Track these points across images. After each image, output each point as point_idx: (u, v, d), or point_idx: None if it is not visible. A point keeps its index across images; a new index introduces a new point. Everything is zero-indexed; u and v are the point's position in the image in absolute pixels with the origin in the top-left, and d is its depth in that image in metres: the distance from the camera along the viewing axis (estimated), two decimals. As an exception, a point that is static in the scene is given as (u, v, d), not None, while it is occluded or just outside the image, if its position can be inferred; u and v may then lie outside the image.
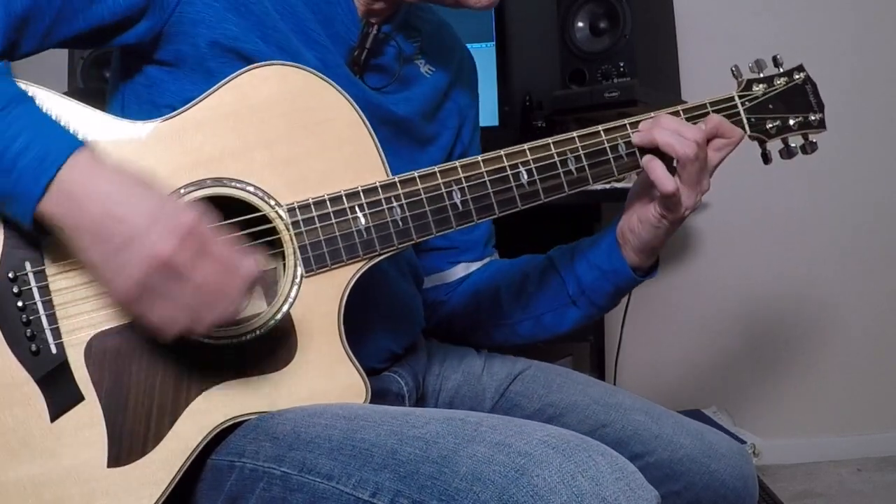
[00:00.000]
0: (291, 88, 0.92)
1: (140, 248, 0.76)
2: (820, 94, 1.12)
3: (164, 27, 0.94)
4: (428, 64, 1.13)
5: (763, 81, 1.09)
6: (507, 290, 1.18)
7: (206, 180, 0.89)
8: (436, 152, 1.14)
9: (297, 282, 0.90)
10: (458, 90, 1.19)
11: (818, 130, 1.11)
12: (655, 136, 0.99)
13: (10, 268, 0.83)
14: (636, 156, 1.01)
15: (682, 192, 0.99)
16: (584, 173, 0.99)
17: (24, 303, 0.83)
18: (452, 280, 1.22)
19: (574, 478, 0.71)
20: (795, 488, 2.26)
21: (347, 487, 0.79)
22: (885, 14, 2.41)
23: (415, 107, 1.10)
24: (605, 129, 1.01)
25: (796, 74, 1.11)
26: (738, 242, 2.46)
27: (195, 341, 0.85)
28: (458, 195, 0.94)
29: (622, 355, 2.32)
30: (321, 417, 0.86)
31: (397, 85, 1.08)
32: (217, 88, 0.90)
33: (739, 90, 1.08)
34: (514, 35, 2.10)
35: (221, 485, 0.88)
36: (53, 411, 0.83)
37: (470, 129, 1.22)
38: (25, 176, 0.77)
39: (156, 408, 0.85)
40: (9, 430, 0.81)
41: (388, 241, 0.93)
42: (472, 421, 0.80)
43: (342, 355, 0.92)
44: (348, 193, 0.92)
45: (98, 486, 0.82)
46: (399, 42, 1.07)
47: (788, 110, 1.09)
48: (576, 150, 0.99)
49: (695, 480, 1.03)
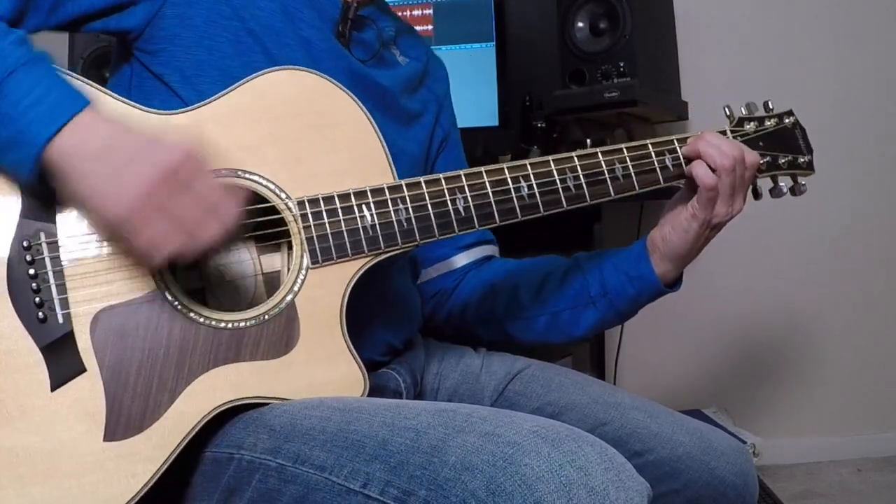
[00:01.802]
0: (305, 91, 0.96)
1: (151, 157, 0.80)
2: (809, 139, 1.17)
3: (160, 10, 0.99)
4: (403, 55, 1.19)
5: (754, 120, 1.15)
6: (526, 286, 1.19)
7: (222, 170, 0.91)
8: (419, 131, 1.18)
9: (304, 272, 0.92)
10: (432, 79, 1.24)
11: (807, 173, 1.17)
12: (699, 146, 1.06)
13: (25, 237, 0.85)
14: (682, 167, 1.08)
15: (719, 197, 1.06)
16: (631, 180, 1.06)
17: (35, 271, 0.84)
18: (456, 267, 1.24)
19: (562, 467, 0.72)
20: (795, 488, 2.26)
21: (339, 478, 0.80)
22: (883, 15, 2.41)
23: (396, 83, 1.14)
24: (653, 143, 1.08)
25: (786, 118, 1.16)
26: (739, 242, 2.46)
27: (200, 322, 0.87)
28: (462, 202, 0.97)
29: (622, 355, 2.32)
30: (317, 410, 0.87)
31: (378, 63, 1.13)
32: (234, 88, 0.94)
33: (732, 126, 1.14)
34: (514, 35, 2.10)
35: (219, 477, 0.89)
36: (54, 381, 0.83)
37: (448, 116, 1.27)
38: (36, 123, 0.80)
39: (156, 386, 0.86)
40: (8, 396, 0.82)
41: (392, 240, 0.95)
42: (463, 412, 0.81)
43: (343, 347, 0.93)
44: (356, 192, 0.95)
45: (92, 459, 0.83)
46: (378, 26, 1.13)
47: (778, 150, 1.14)
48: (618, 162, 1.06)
49: (695, 478, 1.03)
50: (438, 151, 1.24)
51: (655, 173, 1.07)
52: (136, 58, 1.02)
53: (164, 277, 0.88)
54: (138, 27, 0.99)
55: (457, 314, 1.24)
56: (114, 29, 0.99)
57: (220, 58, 1.00)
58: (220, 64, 1.00)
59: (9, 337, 0.83)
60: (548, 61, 2.05)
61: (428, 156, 1.21)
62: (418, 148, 1.18)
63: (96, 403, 0.84)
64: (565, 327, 1.18)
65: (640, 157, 1.07)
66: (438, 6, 2.08)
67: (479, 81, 2.05)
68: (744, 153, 1.07)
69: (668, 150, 1.08)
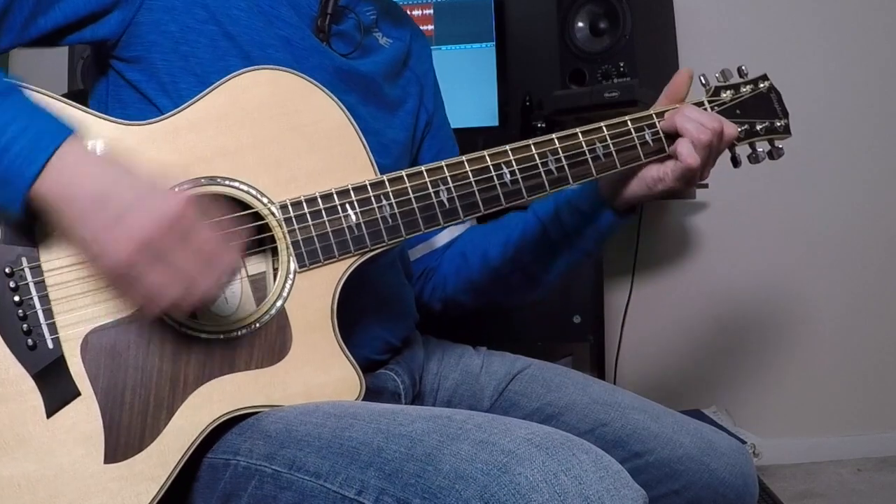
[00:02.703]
0: (282, 91, 0.95)
1: (150, 205, 0.78)
2: (784, 103, 1.17)
3: (134, 17, 0.97)
4: (385, 36, 1.18)
5: (730, 88, 1.15)
6: (494, 247, 1.20)
7: (201, 179, 0.90)
8: (405, 116, 1.18)
9: (291, 277, 0.92)
10: (415, 59, 1.23)
11: (784, 136, 1.17)
12: (677, 121, 1.06)
13: (7, 263, 0.84)
14: (661, 141, 1.07)
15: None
16: (612, 159, 1.05)
17: (20, 298, 0.83)
18: (439, 246, 1.25)
19: (557, 476, 0.71)
20: (795, 488, 2.26)
21: (334, 486, 0.80)
22: (883, 14, 2.41)
23: (379, 69, 1.14)
24: (632, 119, 1.07)
25: (761, 83, 1.17)
26: (739, 242, 2.46)
27: (192, 336, 0.86)
28: (445, 194, 0.97)
29: (622, 355, 2.32)
30: (313, 416, 0.87)
31: (360, 52, 1.12)
32: (209, 91, 0.92)
33: (708, 96, 1.14)
34: (514, 35, 2.10)
35: (216, 483, 0.88)
36: (49, 407, 0.82)
37: (431, 95, 1.26)
38: (19, 160, 0.77)
39: (153, 403, 0.85)
40: (4, 425, 0.81)
41: (378, 238, 0.95)
42: (458, 419, 0.80)
43: (336, 349, 0.93)
44: (339, 191, 0.94)
45: (95, 482, 0.82)
46: (357, 14, 1.11)
47: (755, 116, 1.15)
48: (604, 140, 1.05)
49: (695, 479, 1.03)
50: (424, 134, 1.23)
51: (636, 150, 1.06)
52: (112, 67, 1.01)
53: None
54: (114, 34, 0.98)
55: (440, 288, 1.25)
56: (90, 39, 0.97)
57: (197, 63, 0.98)
58: (196, 69, 0.98)
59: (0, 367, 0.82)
60: (548, 61, 2.05)
61: (413, 140, 1.21)
62: (405, 134, 1.18)
63: (94, 426, 0.83)
64: (538, 277, 1.20)
65: (620, 134, 1.06)
66: (438, 6, 2.08)
67: (479, 81, 2.05)
68: (723, 127, 1.06)
69: (647, 125, 1.07)
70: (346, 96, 0.99)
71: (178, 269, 0.78)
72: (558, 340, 2.04)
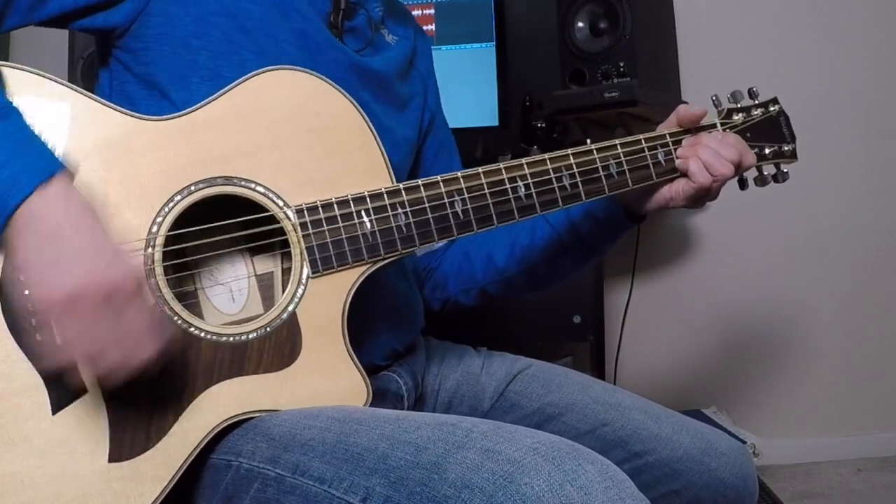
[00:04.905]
0: (302, 93, 0.94)
1: (91, 263, 0.76)
2: (792, 126, 1.18)
3: (146, 6, 0.96)
4: (391, 34, 1.18)
5: (742, 111, 1.15)
6: (499, 248, 1.20)
7: (217, 178, 0.90)
8: (412, 113, 1.18)
9: (304, 282, 0.91)
10: (420, 57, 1.24)
11: (790, 160, 1.18)
12: (700, 154, 1.06)
13: None
14: (673, 162, 1.09)
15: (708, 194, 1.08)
16: (625, 177, 1.06)
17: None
18: (439, 246, 1.25)
19: (562, 486, 0.71)
20: (795, 488, 2.26)
21: (339, 491, 0.79)
22: (883, 14, 2.41)
23: (391, 67, 1.14)
24: (646, 139, 1.08)
25: (771, 107, 1.17)
26: (738, 243, 2.46)
27: (201, 337, 0.86)
28: (460, 205, 0.97)
29: (622, 355, 2.32)
30: (317, 420, 0.86)
31: (371, 49, 1.12)
32: (229, 90, 0.91)
33: (721, 118, 1.14)
34: (514, 35, 2.10)
35: (218, 484, 0.88)
36: (55, 404, 0.82)
37: (433, 95, 1.26)
38: (6, 183, 0.76)
39: (160, 404, 0.85)
40: (8, 422, 0.80)
41: (392, 247, 0.94)
42: (464, 427, 0.80)
43: (345, 356, 0.92)
44: (355, 198, 0.93)
45: (98, 480, 0.82)
46: (367, 9, 1.11)
47: (765, 140, 1.15)
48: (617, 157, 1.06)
49: (694, 479, 1.03)
50: (426, 133, 1.24)
51: (648, 169, 1.07)
52: (117, 58, 1.00)
53: (162, 291, 0.86)
54: (124, 24, 0.97)
55: (439, 288, 1.25)
56: (99, 26, 0.97)
57: (210, 57, 0.97)
58: (209, 63, 0.97)
59: (5, 360, 0.81)
60: (548, 61, 2.05)
61: (419, 138, 1.21)
62: (413, 132, 1.18)
63: (99, 425, 0.83)
64: (544, 279, 1.20)
65: (634, 152, 1.07)
66: (439, 6, 2.08)
67: (479, 81, 2.05)
68: (741, 159, 1.07)
69: (660, 145, 1.08)
70: (360, 93, 0.98)
71: (93, 337, 0.76)
72: (558, 340, 2.04)
